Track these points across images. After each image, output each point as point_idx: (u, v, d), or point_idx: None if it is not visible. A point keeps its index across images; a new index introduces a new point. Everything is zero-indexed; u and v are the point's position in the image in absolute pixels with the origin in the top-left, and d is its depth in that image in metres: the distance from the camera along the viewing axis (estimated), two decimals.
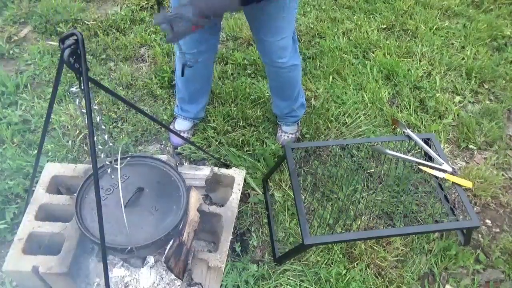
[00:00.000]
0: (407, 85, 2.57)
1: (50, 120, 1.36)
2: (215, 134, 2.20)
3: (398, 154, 1.63)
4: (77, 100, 1.14)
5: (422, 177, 2.05)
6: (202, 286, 1.56)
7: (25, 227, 1.51)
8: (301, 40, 2.87)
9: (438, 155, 1.60)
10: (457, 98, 2.54)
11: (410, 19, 3.11)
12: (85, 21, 2.86)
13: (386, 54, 2.77)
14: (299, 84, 2.04)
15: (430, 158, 1.64)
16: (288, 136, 2.18)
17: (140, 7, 3.02)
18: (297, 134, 2.22)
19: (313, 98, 2.44)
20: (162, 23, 1.26)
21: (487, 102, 2.56)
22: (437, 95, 2.53)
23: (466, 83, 2.65)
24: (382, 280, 1.73)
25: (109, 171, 1.31)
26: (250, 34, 2.73)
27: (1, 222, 1.75)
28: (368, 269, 1.74)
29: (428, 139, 1.68)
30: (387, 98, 2.49)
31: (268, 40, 1.72)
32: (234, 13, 2.76)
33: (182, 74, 1.56)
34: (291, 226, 1.85)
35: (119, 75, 2.49)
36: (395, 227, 1.88)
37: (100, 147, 1.23)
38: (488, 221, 1.99)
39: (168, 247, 1.43)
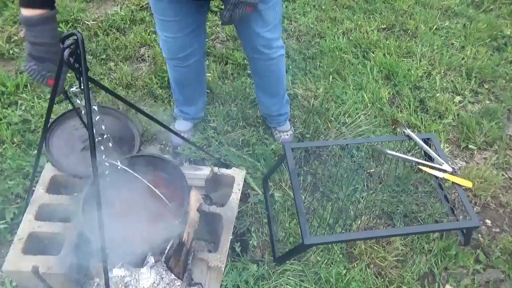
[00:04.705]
0: (407, 85, 2.57)
1: (50, 120, 1.36)
2: (215, 134, 2.20)
3: (398, 154, 1.63)
4: (77, 100, 1.14)
5: (422, 177, 2.05)
6: (202, 286, 1.56)
7: (25, 227, 1.51)
8: (301, 40, 2.87)
9: (438, 155, 1.60)
10: (457, 98, 2.54)
11: (410, 19, 3.11)
12: (85, 21, 2.86)
13: (386, 54, 2.76)
14: (285, 76, 2.01)
15: (430, 158, 1.63)
16: (287, 135, 2.18)
17: (140, 7, 3.02)
18: (293, 130, 2.23)
19: (313, 98, 2.44)
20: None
21: (487, 102, 2.56)
22: (437, 95, 2.53)
23: (466, 83, 2.65)
24: (382, 280, 1.73)
25: (83, 112, 1.28)
26: None
27: (1, 222, 1.75)
28: (368, 269, 1.75)
29: (428, 139, 1.68)
30: (387, 98, 2.49)
31: (256, 31, 1.66)
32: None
33: None
34: (291, 226, 1.85)
35: (119, 75, 2.49)
36: (395, 227, 1.88)
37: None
38: (488, 221, 1.99)
39: (168, 247, 1.43)
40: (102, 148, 1.39)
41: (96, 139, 1.41)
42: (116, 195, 1.47)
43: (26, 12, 1.10)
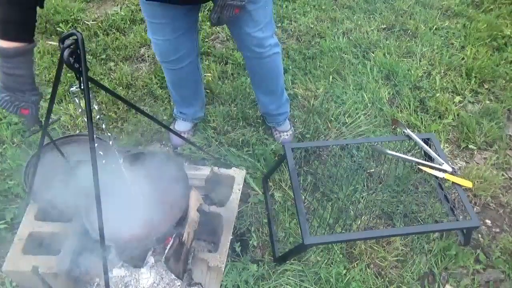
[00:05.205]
0: (407, 85, 2.57)
1: (50, 120, 1.37)
2: (215, 134, 2.20)
3: (398, 154, 1.63)
4: (77, 100, 1.14)
5: (422, 177, 2.05)
6: (202, 286, 1.56)
7: (25, 227, 1.51)
8: (301, 40, 2.87)
9: (438, 155, 1.60)
10: (457, 98, 2.54)
11: (410, 19, 3.11)
12: (85, 21, 2.86)
13: (386, 54, 2.76)
14: (282, 74, 2.00)
15: (430, 158, 1.63)
16: (287, 135, 2.18)
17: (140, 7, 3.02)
18: (293, 130, 2.22)
19: (313, 98, 2.44)
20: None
21: (487, 102, 2.56)
22: (437, 95, 2.53)
23: (466, 83, 2.65)
24: (382, 280, 1.73)
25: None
26: None
27: (1, 222, 1.76)
28: (368, 269, 1.74)
29: (428, 139, 1.68)
30: (387, 98, 2.49)
31: (247, 31, 1.66)
32: None
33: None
34: (291, 226, 1.85)
35: (119, 75, 2.49)
36: (395, 227, 1.88)
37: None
38: (488, 221, 1.99)
39: (168, 247, 1.43)
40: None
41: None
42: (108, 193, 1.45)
43: (3, 43, 1.10)
